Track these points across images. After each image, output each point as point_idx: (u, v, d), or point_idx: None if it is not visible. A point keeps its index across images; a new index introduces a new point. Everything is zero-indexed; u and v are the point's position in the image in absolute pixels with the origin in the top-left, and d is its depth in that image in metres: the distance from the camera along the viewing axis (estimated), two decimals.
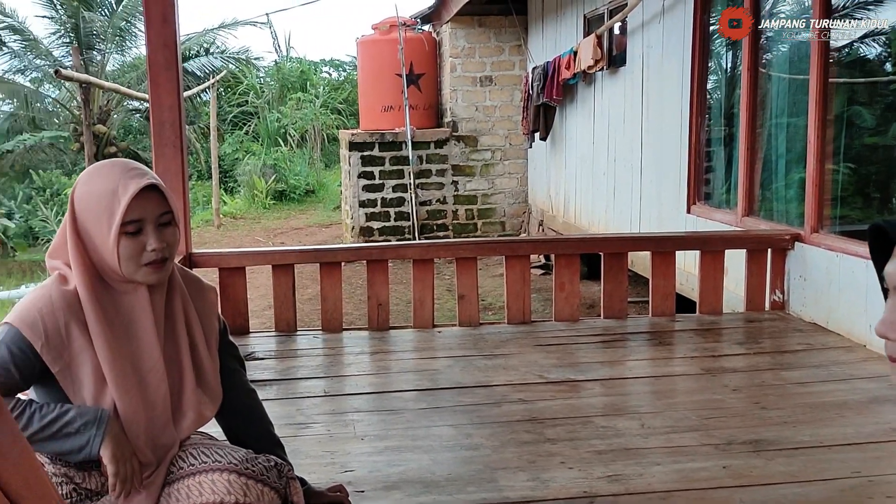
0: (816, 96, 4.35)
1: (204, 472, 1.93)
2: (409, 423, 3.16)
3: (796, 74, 4.83)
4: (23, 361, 1.81)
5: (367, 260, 4.46)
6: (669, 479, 2.58)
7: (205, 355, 2.08)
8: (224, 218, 14.18)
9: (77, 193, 1.90)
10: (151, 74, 4.00)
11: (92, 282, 1.89)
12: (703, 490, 2.50)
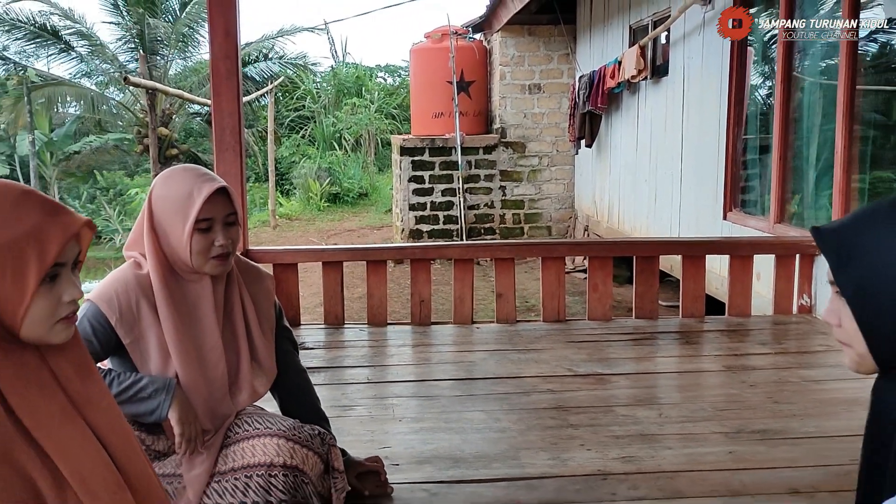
0: (844, 103, 4.52)
1: (257, 437, 2.23)
2: (444, 408, 3.43)
3: (829, 80, 4.99)
4: (101, 334, 2.13)
5: (410, 259, 4.75)
6: (678, 462, 2.81)
7: (259, 338, 2.39)
8: (280, 219, 14.62)
9: (155, 194, 2.22)
10: (214, 84, 4.33)
11: (163, 271, 2.21)
12: (708, 471, 2.73)
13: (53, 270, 1.30)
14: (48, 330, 1.32)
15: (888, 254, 1.16)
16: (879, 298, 1.17)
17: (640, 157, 8.13)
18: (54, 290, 1.31)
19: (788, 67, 5.28)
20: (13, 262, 1.25)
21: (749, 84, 6.03)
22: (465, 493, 2.61)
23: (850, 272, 1.19)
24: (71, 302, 1.33)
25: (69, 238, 1.31)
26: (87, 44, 21.60)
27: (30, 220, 1.28)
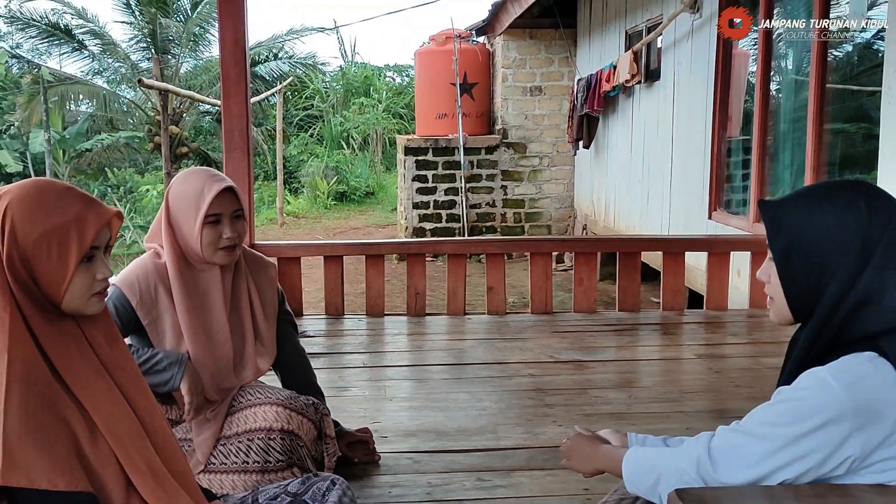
0: (814, 104, 4.80)
1: (258, 405, 2.53)
2: (432, 389, 3.74)
3: (803, 80, 5.25)
4: (124, 314, 2.44)
5: (406, 254, 5.05)
6: None
7: (262, 322, 2.70)
8: (287, 217, 14.95)
9: (171, 192, 2.53)
10: (224, 88, 4.64)
11: (178, 261, 2.51)
12: None
13: (90, 252, 1.60)
14: (85, 302, 1.62)
15: (809, 229, 1.44)
16: (798, 262, 1.46)
17: (634, 158, 8.41)
18: (90, 269, 1.61)
19: (766, 70, 5.55)
20: (58, 245, 1.55)
21: (742, 86, 6.29)
22: (444, 461, 2.91)
23: (779, 239, 1.48)
24: (103, 279, 1.64)
25: (103, 225, 1.61)
26: (99, 42, 21.93)
27: (72, 210, 1.58)
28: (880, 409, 1.37)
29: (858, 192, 1.46)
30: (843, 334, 1.43)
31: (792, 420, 1.39)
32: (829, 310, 1.43)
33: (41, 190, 1.58)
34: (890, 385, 1.39)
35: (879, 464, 1.40)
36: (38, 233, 1.54)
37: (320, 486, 2.03)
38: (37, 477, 1.48)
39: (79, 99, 22.40)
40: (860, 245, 1.41)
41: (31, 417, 1.49)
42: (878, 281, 1.40)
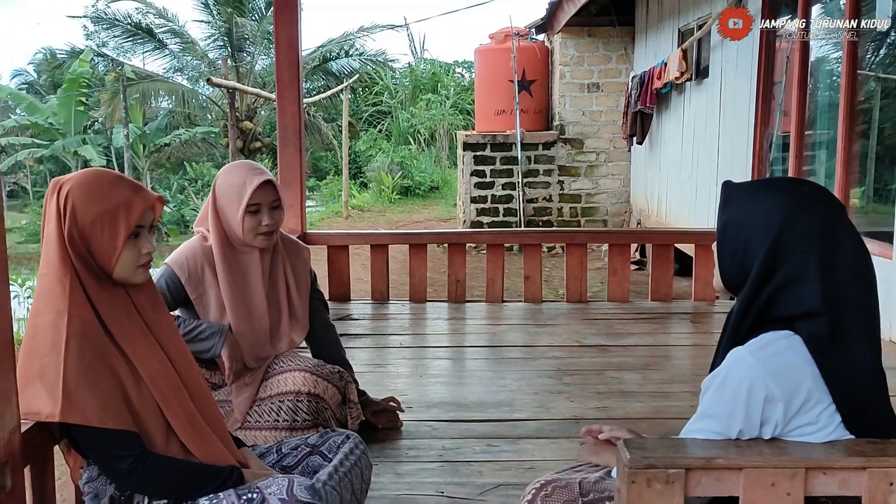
0: (845, 103, 4.93)
1: (288, 371, 2.86)
2: (459, 368, 4.05)
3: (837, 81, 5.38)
4: (174, 290, 2.80)
5: (448, 243, 5.35)
6: (644, 411, 3.35)
7: (296, 299, 3.03)
8: (352, 210, 15.38)
9: (218, 183, 2.88)
10: (279, 88, 5.01)
11: (222, 243, 2.86)
12: (668, 419, 3.24)
13: (136, 230, 1.94)
14: (132, 272, 1.96)
15: (744, 212, 1.64)
16: (728, 239, 1.67)
17: (684, 154, 8.55)
18: (136, 244, 1.95)
19: (805, 66, 5.68)
20: (110, 224, 1.90)
21: (786, 83, 6.39)
22: (459, 428, 3.20)
23: (722, 216, 1.69)
24: (147, 253, 1.98)
25: (147, 207, 1.95)
26: (178, 41, 22.76)
27: (122, 195, 1.92)
28: (795, 380, 1.58)
29: (799, 190, 1.64)
30: (765, 314, 1.63)
31: (725, 397, 1.60)
32: (752, 291, 1.62)
33: (96, 178, 1.94)
34: (802, 359, 1.60)
35: (798, 430, 1.62)
36: (93, 214, 1.89)
37: (335, 440, 2.35)
38: (90, 416, 1.82)
39: (159, 95, 23.28)
40: (778, 236, 1.59)
41: (86, 366, 1.83)
42: (797, 273, 1.59)
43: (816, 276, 1.59)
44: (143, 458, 1.89)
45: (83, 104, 22.30)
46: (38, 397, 1.82)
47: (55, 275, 1.87)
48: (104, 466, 1.93)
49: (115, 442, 1.86)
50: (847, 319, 1.60)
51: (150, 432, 1.92)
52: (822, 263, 1.59)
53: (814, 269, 1.59)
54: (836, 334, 1.59)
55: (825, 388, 1.61)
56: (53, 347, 1.81)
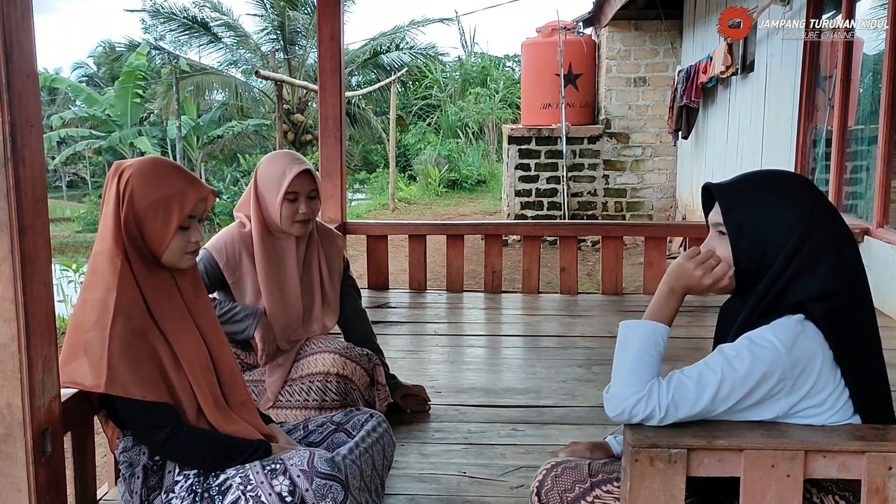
0: (886, 100, 4.88)
1: (319, 353, 2.96)
2: (491, 356, 4.12)
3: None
4: (212, 273, 2.92)
5: (484, 234, 5.42)
6: None
7: (329, 286, 3.14)
8: (399, 203, 15.51)
9: (260, 170, 2.99)
10: (320, 80, 5.12)
11: (261, 229, 2.97)
12: None
13: (187, 221, 2.05)
14: (180, 258, 2.07)
15: (760, 211, 1.71)
16: (749, 238, 1.73)
17: (728, 149, 8.49)
18: (187, 233, 2.06)
19: (847, 60, 5.62)
20: (164, 212, 2.01)
21: (847, 79, 6.32)
22: (486, 413, 3.28)
23: (734, 215, 1.74)
24: (196, 242, 2.09)
25: (199, 199, 2.06)
26: (232, 34, 23.12)
27: (177, 185, 2.03)
28: (809, 365, 1.65)
29: (803, 184, 1.74)
30: (778, 301, 1.70)
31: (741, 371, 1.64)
32: (772, 280, 1.69)
33: (156, 166, 2.05)
34: (815, 343, 1.67)
35: (803, 412, 1.69)
36: (150, 200, 2.00)
37: (360, 418, 2.44)
38: (131, 389, 1.94)
39: (213, 88, 23.67)
40: (804, 227, 1.67)
41: (129, 343, 1.95)
42: (814, 257, 1.67)
43: (830, 259, 1.67)
44: (179, 429, 2.00)
45: (139, 96, 22.76)
46: (82, 368, 1.95)
47: (108, 254, 1.98)
48: (142, 437, 2.05)
49: (152, 414, 1.98)
50: (858, 294, 1.70)
51: (182, 408, 2.04)
52: (834, 246, 1.68)
53: (828, 253, 1.67)
54: (849, 310, 1.68)
55: (834, 372, 1.68)
56: (100, 322, 1.92)
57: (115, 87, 23.36)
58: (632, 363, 1.80)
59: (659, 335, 1.82)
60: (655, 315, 1.82)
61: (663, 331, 1.82)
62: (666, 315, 1.82)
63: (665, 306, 1.82)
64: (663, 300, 1.82)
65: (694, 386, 1.68)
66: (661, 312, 1.82)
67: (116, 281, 1.97)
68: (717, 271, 1.76)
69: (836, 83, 5.71)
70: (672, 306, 1.82)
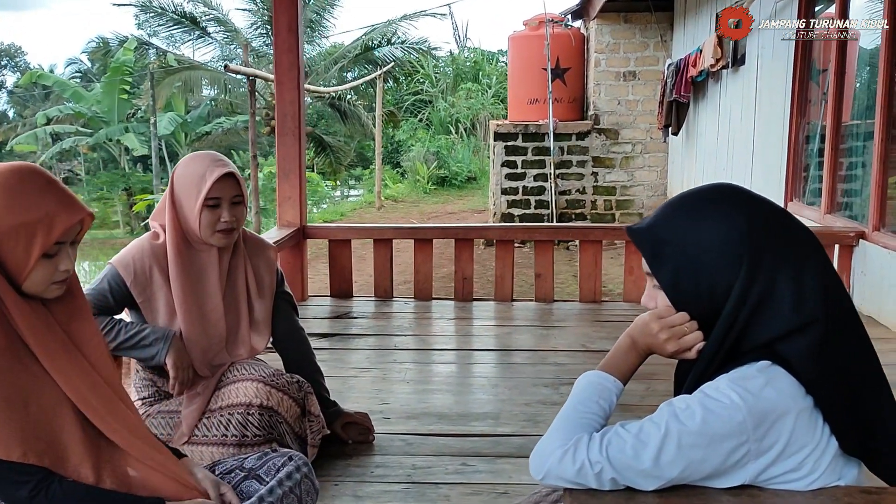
0: (882, 99, 4.55)
1: (241, 381, 2.62)
2: (452, 373, 3.78)
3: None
4: (117, 292, 2.57)
5: (454, 238, 5.08)
6: None
7: (257, 302, 2.80)
8: (386, 201, 15.18)
9: (177, 173, 2.65)
10: (277, 74, 4.77)
11: (178, 239, 2.63)
12: None
13: (54, 248, 1.70)
14: (45, 289, 1.73)
15: (691, 251, 1.39)
16: (688, 287, 1.41)
17: (720, 145, 8.16)
18: (53, 261, 1.71)
19: (842, 56, 5.29)
20: (25, 238, 1.66)
21: (841, 74, 6.00)
22: (436, 444, 2.94)
23: (664, 265, 1.43)
24: (65, 270, 1.74)
25: (71, 226, 1.71)
26: (222, 29, 22.80)
27: (45, 207, 1.68)
28: (778, 422, 1.34)
29: (732, 201, 1.40)
30: (741, 344, 1.39)
31: (690, 427, 1.34)
32: (727, 325, 1.38)
33: (22, 180, 1.69)
34: (785, 394, 1.35)
35: (778, 478, 1.37)
36: (9, 223, 1.65)
37: (276, 462, 2.11)
38: None
39: (201, 84, 23.36)
40: (747, 258, 1.36)
41: None
42: (769, 287, 1.36)
43: (790, 284, 1.36)
44: (47, 484, 1.68)
45: (126, 92, 22.43)
46: None
47: None
48: (1, 493, 1.72)
49: (14, 468, 1.65)
50: (835, 316, 1.37)
51: (65, 453, 1.71)
52: (793, 266, 1.37)
53: (786, 278, 1.36)
54: (828, 340, 1.36)
55: (814, 425, 1.37)
56: None
57: (102, 83, 23.03)
58: (565, 414, 1.49)
59: (606, 388, 1.51)
60: (609, 367, 1.55)
61: (613, 385, 1.52)
62: (621, 369, 1.54)
63: (622, 361, 1.55)
64: (621, 353, 1.55)
65: (633, 441, 1.37)
66: (616, 366, 1.55)
67: None
68: (685, 340, 1.45)
69: (831, 77, 5.37)
70: (630, 362, 1.54)
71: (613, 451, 1.37)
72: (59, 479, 1.70)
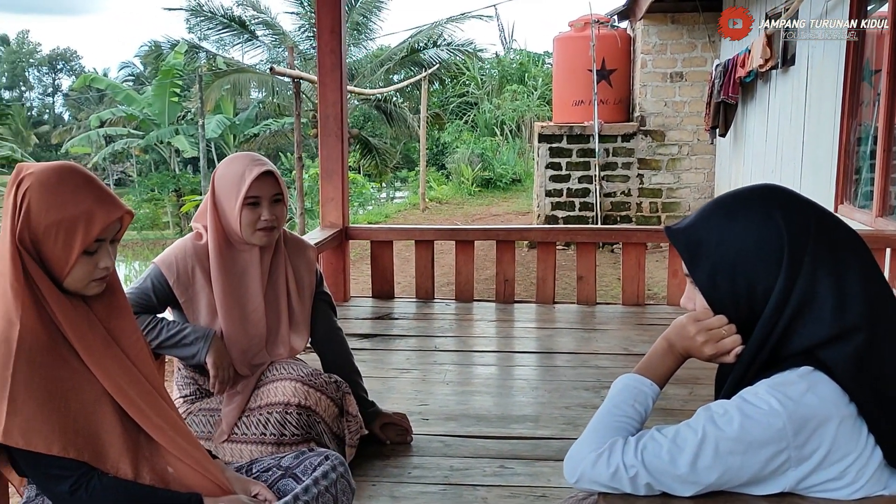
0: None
1: (279, 380, 2.63)
2: (492, 375, 3.76)
3: None
4: (160, 291, 2.60)
5: (495, 240, 5.06)
6: None
7: (297, 303, 2.81)
8: (430, 203, 15.19)
9: (217, 174, 2.67)
10: (320, 76, 4.80)
11: (220, 240, 2.65)
12: None
13: (94, 245, 1.73)
14: (85, 286, 1.76)
15: (729, 253, 1.38)
16: (725, 287, 1.40)
17: (768, 147, 8.02)
18: (93, 258, 1.74)
19: (894, 59, 5.17)
20: (65, 235, 1.69)
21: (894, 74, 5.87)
22: (474, 446, 2.93)
23: (701, 265, 1.42)
24: (105, 268, 1.77)
25: (110, 222, 1.73)
26: (270, 33, 23.04)
27: (84, 205, 1.71)
28: (820, 429, 1.31)
29: (771, 201, 1.38)
30: (781, 349, 1.37)
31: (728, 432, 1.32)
32: (766, 329, 1.36)
33: (62, 178, 1.72)
34: (828, 401, 1.32)
35: (820, 486, 1.34)
36: (49, 220, 1.68)
37: (312, 461, 2.12)
38: (34, 439, 1.63)
39: (249, 87, 23.60)
40: (786, 259, 1.34)
41: (35, 384, 1.64)
42: (810, 290, 1.33)
43: (833, 287, 1.33)
44: (87, 479, 1.71)
45: (176, 95, 22.76)
46: None
47: (8, 276, 1.67)
48: (43, 487, 1.76)
49: (55, 462, 1.68)
50: (881, 322, 1.34)
51: (104, 449, 1.74)
52: (835, 268, 1.34)
53: (828, 281, 1.33)
54: (873, 348, 1.32)
55: (857, 433, 1.33)
56: (1, 361, 1.62)
57: (153, 85, 23.41)
58: (600, 417, 1.47)
59: (642, 391, 1.49)
60: (646, 370, 1.52)
61: (649, 388, 1.50)
62: (658, 373, 1.51)
63: (659, 364, 1.52)
64: (658, 357, 1.52)
65: (669, 446, 1.34)
66: (653, 369, 1.51)
67: (19, 311, 1.66)
68: (723, 344, 1.42)
69: (884, 77, 5.25)
70: (667, 365, 1.51)
71: (649, 455, 1.35)
72: (98, 474, 1.73)
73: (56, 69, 52.68)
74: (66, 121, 40.98)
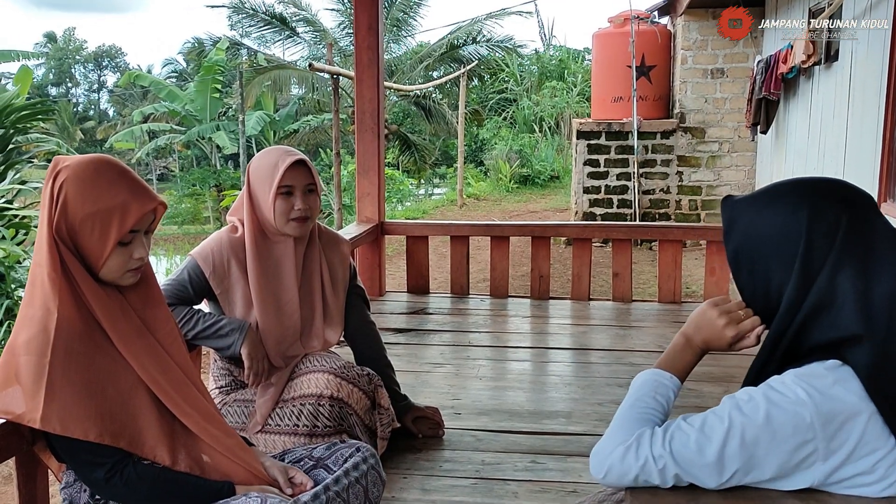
0: None
1: (313, 372, 2.66)
2: (526, 371, 3.76)
3: None
4: (196, 283, 2.64)
5: (531, 236, 5.05)
6: None
7: (331, 296, 2.84)
8: (468, 199, 15.18)
9: (252, 166, 2.71)
10: (357, 71, 4.82)
11: (255, 233, 2.69)
12: None
13: (129, 236, 1.77)
14: (120, 276, 1.80)
15: (752, 236, 1.39)
16: (746, 268, 1.42)
17: (811, 144, 7.90)
18: (128, 249, 1.78)
19: None
20: (101, 226, 1.74)
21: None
22: (506, 441, 2.94)
23: (730, 243, 1.45)
24: (139, 258, 1.81)
25: (145, 214, 1.78)
26: (311, 29, 23.18)
27: (119, 197, 1.75)
28: (849, 422, 1.30)
29: (803, 198, 1.37)
30: (803, 342, 1.36)
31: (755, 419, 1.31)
32: (785, 319, 1.36)
33: (98, 171, 1.76)
34: (856, 395, 1.31)
35: (849, 480, 1.33)
36: (86, 212, 1.73)
37: (343, 453, 2.14)
38: (72, 426, 1.67)
39: (290, 83, 23.77)
40: (799, 262, 1.34)
41: (72, 372, 1.68)
42: (830, 288, 1.32)
43: (853, 295, 1.31)
44: (122, 466, 1.75)
45: (218, 91, 22.99)
46: (15, 397, 1.70)
47: (46, 267, 1.72)
48: (80, 473, 1.80)
49: (91, 449, 1.72)
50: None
51: (140, 437, 1.78)
52: (859, 277, 1.32)
53: (849, 287, 1.32)
54: (890, 357, 1.30)
55: (886, 433, 1.32)
56: (39, 348, 1.67)
57: (195, 82, 23.67)
58: (622, 413, 1.48)
59: (662, 384, 1.49)
60: (664, 365, 1.54)
61: (669, 381, 1.50)
62: (678, 367, 1.53)
63: (677, 358, 1.54)
64: (676, 351, 1.54)
65: (696, 435, 1.34)
66: (671, 363, 1.54)
67: (56, 300, 1.70)
68: (743, 325, 1.44)
69: None
70: (686, 360, 1.53)
71: (677, 445, 1.35)
72: (133, 461, 1.77)
73: (101, 66, 53.53)
74: (110, 117, 41.66)
